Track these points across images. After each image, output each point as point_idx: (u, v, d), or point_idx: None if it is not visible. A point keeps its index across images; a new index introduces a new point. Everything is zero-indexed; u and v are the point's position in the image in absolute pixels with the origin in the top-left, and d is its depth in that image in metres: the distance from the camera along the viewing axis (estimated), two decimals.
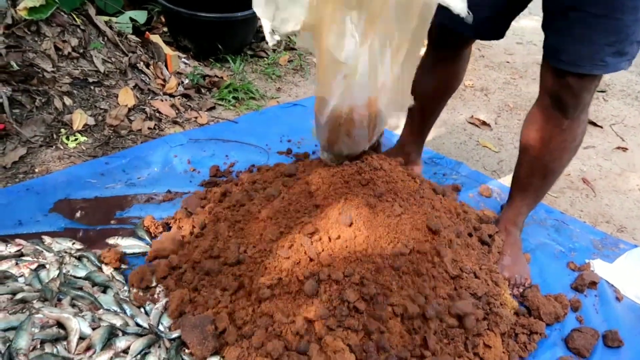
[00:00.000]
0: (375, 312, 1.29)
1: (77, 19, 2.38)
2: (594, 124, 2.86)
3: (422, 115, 1.92)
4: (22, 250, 1.49)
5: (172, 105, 2.48)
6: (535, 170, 1.64)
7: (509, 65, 3.68)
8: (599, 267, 1.75)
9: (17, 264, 1.42)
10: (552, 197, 2.20)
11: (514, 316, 1.45)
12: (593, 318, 1.58)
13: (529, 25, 4.45)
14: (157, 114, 2.40)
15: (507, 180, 2.27)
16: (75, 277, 1.43)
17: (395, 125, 2.67)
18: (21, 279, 1.38)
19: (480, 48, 3.97)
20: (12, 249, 1.48)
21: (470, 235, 1.66)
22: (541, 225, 1.97)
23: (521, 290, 1.60)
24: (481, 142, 2.57)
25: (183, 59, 2.87)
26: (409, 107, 1.63)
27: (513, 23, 1.61)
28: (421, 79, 1.59)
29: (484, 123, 2.77)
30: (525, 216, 1.79)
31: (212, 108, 2.60)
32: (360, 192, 1.42)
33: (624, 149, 2.65)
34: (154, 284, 1.47)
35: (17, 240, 1.53)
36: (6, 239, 1.53)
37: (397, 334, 1.30)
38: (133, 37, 2.67)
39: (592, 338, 1.46)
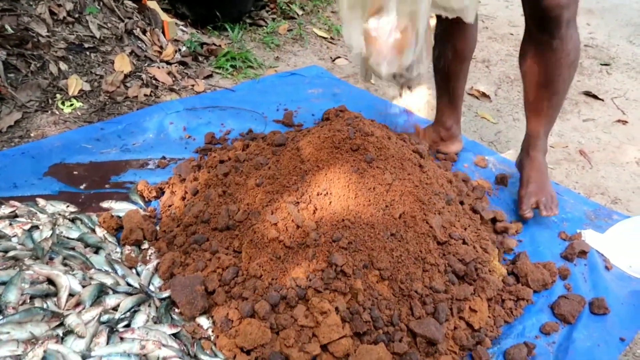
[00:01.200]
0: (361, 276, 1.30)
1: None
2: (595, 97, 2.82)
3: (448, 86, 1.99)
4: (16, 211, 1.51)
5: (169, 73, 2.47)
6: (541, 94, 1.70)
7: (512, 37, 3.62)
8: (590, 237, 1.75)
9: (10, 224, 1.44)
10: (549, 168, 2.19)
11: (500, 282, 1.46)
12: (581, 286, 1.59)
13: None
14: (154, 81, 2.39)
15: (503, 151, 2.27)
16: (68, 238, 1.45)
17: (394, 95, 2.66)
18: (14, 239, 1.39)
19: (484, 20, 3.91)
20: (6, 210, 1.50)
21: (462, 203, 1.67)
22: None
23: (555, 212, 1.72)
24: (480, 114, 2.55)
25: (181, 27, 2.84)
26: (435, 80, 1.88)
27: None
28: (437, 48, 1.76)
29: (483, 94, 2.74)
30: (545, 139, 1.85)
31: (209, 76, 2.59)
32: (350, 158, 1.42)
33: (624, 122, 2.62)
34: (145, 246, 1.49)
35: (12, 202, 1.54)
36: (1, 201, 1.55)
37: (384, 298, 1.32)
38: (130, 2, 2.64)
39: (579, 305, 1.47)
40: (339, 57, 3.00)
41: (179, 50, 2.64)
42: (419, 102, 2.63)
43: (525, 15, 1.61)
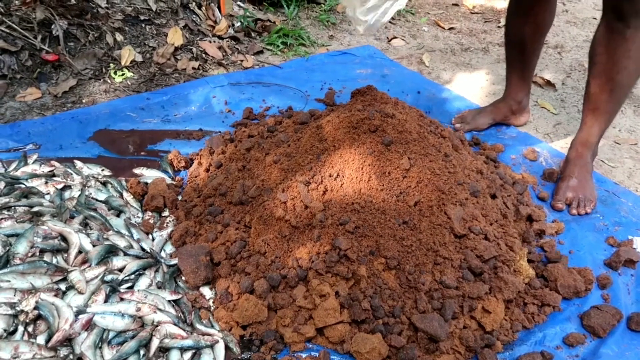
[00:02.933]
0: (366, 263, 1.25)
1: None
2: None
3: (523, 59, 1.98)
4: (55, 171, 1.60)
5: (220, 47, 2.50)
6: (603, 85, 1.66)
7: (594, 22, 3.29)
8: None
9: (46, 182, 1.53)
10: (609, 166, 1.98)
11: (522, 284, 1.34)
12: (622, 298, 1.43)
13: None
14: (204, 55, 2.44)
15: (559, 145, 2.08)
16: (96, 199, 1.52)
17: (449, 79, 2.52)
18: (48, 197, 1.49)
19: (565, 2, 3.59)
20: (45, 169, 1.60)
21: (493, 196, 1.55)
22: None
23: (587, 211, 1.69)
24: (540, 103, 2.36)
25: (238, 2, 2.87)
26: (507, 56, 1.98)
27: None
28: (513, 23, 1.88)
29: (548, 83, 2.52)
30: (598, 138, 1.79)
31: (259, 52, 2.60)
32: (367, 139, 1.36)
33: None
34: (165, 213, 1.53)
35: (52, 162, 1.64)
36: (43, 161, 1.65)
37: (388, 288, 1.26)
38: None
39: (613, 318, 1.33)
40: (396, 37, 2.89)
41: (233, 25, 2.67)
42: (474, 87, 2.47)
43: (604, 3, 1.58)
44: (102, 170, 1.68)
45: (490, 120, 2.11)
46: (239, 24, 2.69)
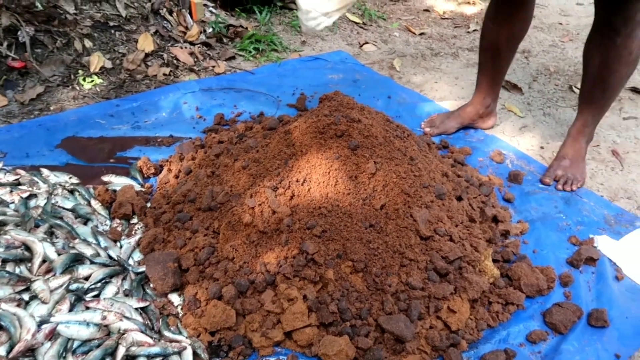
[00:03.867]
0: (333, 266, 1.27)
1: None
2: None
3: (495, 65, 2.05)
4: (20, 179, 1.58)
5: (192, 53, 2.50)
6: (596, 84, 1.81)
7: (560, 27, 3.39)
8: (603, 244, 1.62)
9: (11, 191, 1.51)
10: None
11: (487, 284, 1.38)
12: (583, 295, 1.47)
13: None
14: (175, 61, 2.43)
15: (525, 147, 2.13)
16: (62, 207, 1.51)
17: (419, 83, 2.56)
18: (12, 205, 1.46)
19: None
20: (10, 177, 1.58)
21: (459, 198, 1.58)
22: (551, 195, 1.84)
23: (572, 188, 1.85)
24: (506, 106, 2.41)
25: (210, 8, 2.87)
26: (480, 60, 2.04)
27: None
28: (489, 29, 1.95)
29: (514, 87, 2.59)
30: (593, 127, 1.94)
31: (231, 58, 2.60)
32: (334, 144, 1.38)
33: None
34: (134, 220, 1.53)
35: (17, 170, 1.62)
36: (8, 170, 1.63)
37: (356, 290, 1.28)
38: None
39: (573, 315, 1.37)
40: (367, 42, 2.93)
41: (204, 31, 2.67)
42: (443, 91, 2.52)
43: (597, 7, 1.68)
44: (70, 178, 1.66)
45: (458, 124, 2.15)
46: (210, 30, 2.69)
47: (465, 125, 2.18)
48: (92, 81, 2.18)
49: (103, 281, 1.26)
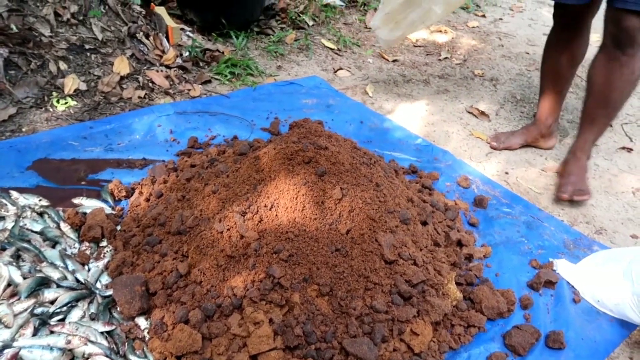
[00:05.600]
0: (299, 290, 1.30)
1: None
2: None
3: (556, 88, 2.25)
4: None
5: (167, 77, 2.53)
6: (599, 102, 1.97)
7: (527, 57, 3.53)
8: (562, 267, 1.68)
9: None
10: (536, 192, 2.12)
11: (449, 306, 1.42)
12: (542, 317, 1.53)
13: None
14: (150, 84, 2.46)
15: (490, 172, 2.21)
16: (31, 230, 1.51)
17: (390, 109, 2.64)
18: None
19: (501, 37, 3.84)
20: None
21: (425, 223, 1.64)
22: (514, 220, 1.91)
23: (583, 199, 2.02)
24: (474, 133, 2.50)
25: (187, 32, 2.92)
26: (541, 84, 2.28)
27: (546, 12, 1.86)
28: (550, 55, 2.20)
29: (482, 113, 2.68)
30: (592, 144, 2.12)
31: (207, 82, 2.64)
32: (301, 170, 1.42)
33: (629, 150, 2.52)
34: (103, 243, 1.53)
35: None
36: None
37: (321, 313, 1.30)
38: (137, 7, 2.73)
39: (532, 337, 1.42)
40: (342, 68, 3.01)
41: (181, 55, 2.71)
42: (414, 117, 2.60)
43: (605, 29, 1.88)
44: (40, 200, 1.66)
45: (522, 141, 2.36)
46: (187, 53, 2.73)
47: (528, 144, 2.38)
48: (66, 103, 2.19)
49: (69, 305, 1.26)
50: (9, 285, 1.23)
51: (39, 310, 1.21)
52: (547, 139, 2.38)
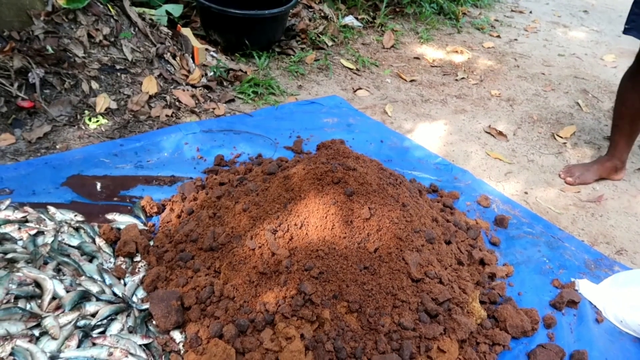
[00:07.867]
0: (329, 306, 1.34)
1: (111, 9, 2.56)
2: None
3: (632, 127, 2.28)
4: (27, 216, 1.64)
5: (193, 96, 2.61)
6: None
7: (543, 77, 3.58)
8: (584, 287, 1.71)
9: (19, 228, 1.57)
10: (556, 212, 2.15)
11: (475, 325, 1.45)
12: (566, 337, 1.55)
13: (577, 36, 4.29)
14: (177, 103, 2.53)
15: (509, 192, 2.25)
16: (69, 245, 1.57)
17: (410, 128, 2.69)
18: (20, 242, 1.52)
19: (517, 58, 3.89)
20: (18, 214, 1.64)
21: (448, 242, 1.67)
22: (535, 240, 1.94)
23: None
24: (491, 154, 2.54)
25: (212, 53, 3.00)
26: (617, 123, 2.30)
27: (560, 33, 1.92)
28: (627, 96, 2.20)
29: (500, 133, 2.72)
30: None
31: (231, 100, 2.72)
32: (331, 191, 1.47)
33: None
34: (137, 258, 1.59)
35: (25, 207, 1.68)
36: (16, 206, 1.69)
37: (350, 330, 1.34)
38: (165, 29, 2.83)
39: (556, 356, 1.44)
40: (361, 88, 3.07)
41: (206, 74, 2.79)
42: (433, 136, 2.64)
43: None
44: (75, 215, 1.72)
45: (597, 176, 2.40)
46: (211, 73, 2.81)
47: (602, 178, 2.42)
48: (98, 121, 2.27)
49: (109, 318, 1.31)
50: (54, 298, 1.28)
51: (81, 323, 1.26)
52: (620, 172, 2.42)
